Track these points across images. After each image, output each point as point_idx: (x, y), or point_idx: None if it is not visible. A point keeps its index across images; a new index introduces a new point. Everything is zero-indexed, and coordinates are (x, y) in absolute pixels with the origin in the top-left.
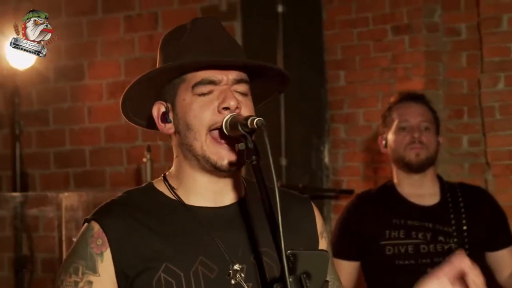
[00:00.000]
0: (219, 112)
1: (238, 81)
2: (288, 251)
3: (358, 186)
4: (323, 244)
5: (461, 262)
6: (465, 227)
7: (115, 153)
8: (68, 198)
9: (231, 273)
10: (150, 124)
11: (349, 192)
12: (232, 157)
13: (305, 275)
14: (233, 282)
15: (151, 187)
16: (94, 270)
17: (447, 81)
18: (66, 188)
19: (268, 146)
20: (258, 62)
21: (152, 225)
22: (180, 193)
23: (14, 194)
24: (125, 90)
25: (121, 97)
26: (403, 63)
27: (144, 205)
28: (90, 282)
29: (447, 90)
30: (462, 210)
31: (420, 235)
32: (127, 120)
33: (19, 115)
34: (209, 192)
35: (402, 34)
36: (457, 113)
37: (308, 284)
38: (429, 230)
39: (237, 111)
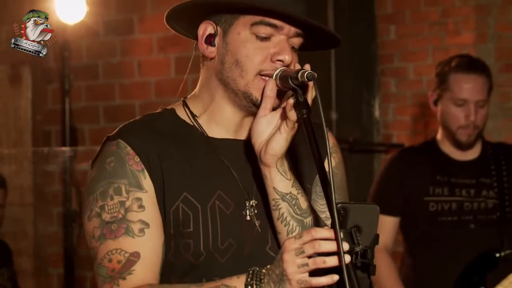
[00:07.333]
0: (271, 61)
1: (298, 34)
2: (339, 205)
3: (408, 140)
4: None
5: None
6: (505, 178)
7: None
8: None
9: (248, 210)
10: (189, 32)
11: (399, 146)
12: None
13: (355, 229)
14: (248, 218)
15: (172, 113)
16: (140, 187)
17: (497, 35)
18: None
19: (319, 100)
20: (329, 29)
21: (174, 153)
22: (202, 121)
23: (64, 148)
24: (180, 4)
25: (172, 8)
26: (453, 17)
27: (167, 131)
28: (139, 199)
29: (497, 44)
30: (503, 162)
31: (464, 192)
32: (167, 25)
33: (68, 70)
34: (232, 124)
35: None
36: (507, 67)
37: (358, 238)
38: (472, 186)
39: (290, 66)
